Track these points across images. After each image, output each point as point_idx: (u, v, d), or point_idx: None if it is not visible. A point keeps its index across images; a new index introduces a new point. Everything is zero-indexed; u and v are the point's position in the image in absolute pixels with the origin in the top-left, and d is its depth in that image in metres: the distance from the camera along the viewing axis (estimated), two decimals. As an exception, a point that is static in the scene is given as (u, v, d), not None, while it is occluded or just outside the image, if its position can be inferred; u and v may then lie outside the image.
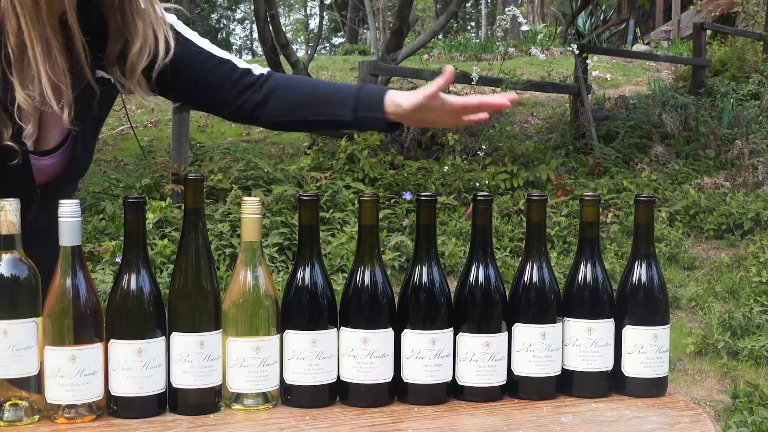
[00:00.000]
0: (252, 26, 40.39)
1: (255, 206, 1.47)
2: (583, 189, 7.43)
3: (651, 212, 1.60)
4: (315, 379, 1.48)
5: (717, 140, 8.76)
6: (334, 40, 37.27)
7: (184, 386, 1.44)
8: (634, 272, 1.60)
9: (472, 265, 1.55)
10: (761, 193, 7.42)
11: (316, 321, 1.48)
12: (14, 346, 1.37)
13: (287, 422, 1.42)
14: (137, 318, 1.41)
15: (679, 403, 1.55)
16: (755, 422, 3.59)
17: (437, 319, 1.50)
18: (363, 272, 1.50)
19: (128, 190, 7.28)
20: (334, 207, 6.72)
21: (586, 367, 1.56)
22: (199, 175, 1.46)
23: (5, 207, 1.37)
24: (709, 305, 5.46)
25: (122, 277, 1.42)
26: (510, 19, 8.85)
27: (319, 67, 16.46)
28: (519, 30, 19.58)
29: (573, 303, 1.58)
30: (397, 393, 1.53)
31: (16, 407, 1.38)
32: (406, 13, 10.06)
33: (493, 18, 25.85)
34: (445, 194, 7.23)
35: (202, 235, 1.45)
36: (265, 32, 9.70)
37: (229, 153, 8.18)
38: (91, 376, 1.38)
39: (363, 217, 1.52)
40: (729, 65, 12.28)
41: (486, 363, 1.52)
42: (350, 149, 7.51)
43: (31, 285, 1.39)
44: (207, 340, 1.43)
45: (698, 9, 16.15)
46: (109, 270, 5.25)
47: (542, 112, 11.56)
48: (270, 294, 1.47)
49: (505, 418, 1.46)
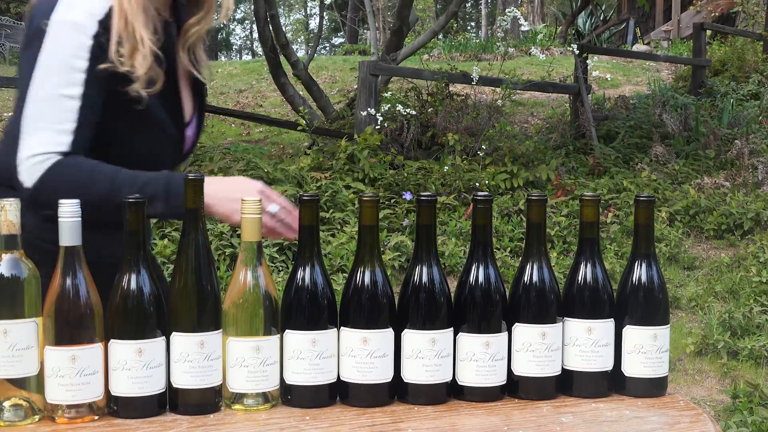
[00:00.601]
0: (252, 26, 40.38)
1: (255, 206, 1.47)
2: (583, 189, 7.43)
3: (651, 212, 1.60)
4: (315, 379, 1.48)
5: (717, 140, 8.76)
6: (334, 40, 37.28)
7: (184, 386, 1.44)
8: (634, 272, 1.60)
9: (472, 265, 1.55)
10: (761, 193, 7.42)
11: (316, 321, 1.48)
12: (14, 346, 1.37)
13: (287, 422, 1.42)
14: (137, 318, 1.41)
15: (679, 403, 1.55)
16: (755, 422, 3.59)
17: (437, 319, 1.50)
18: (363, 272, 1.50)
19: (128, 190, 7.27)
20: (334, 207, 6.72)
21: (586, 367, 1.56)
22: (199, 175, 1.46)
23: (5, 207, 1.37)
24: (709, 305, 5.46)
25: (122, 277, 1.42)
26: (510, 20, 8.86)
27: (319, 67, 16.46)
28: (519, 30, 19.58)
29: (573, 303, 1.58)
30: (397, 393, 1.53)
31: (16, 407, 1.38)
32: (406, 13, 10.06)
33: (493, 18, 25.85)
34: (445, 194, 7.23)
35: (202, 235, 1.45)
36: (265, 32, 9.70)
37: (229, 153, 8.18)
38: (91, 376, 1.38)
39: (363, 217, 1.52)
40: (729, 65, 12.29)
41: (486, 363, 1.52)
42: (350, 149, 7.51)
43: (31, 285, 1.39)
44: (207, 340, 1.43)
45: (698, 9, 16.16)
46: (109, 270, 5.24)
47: (542, 112, 11.56)
48: (270, 294, 1.47)
49: (505, 418, 1.46)
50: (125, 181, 1.62)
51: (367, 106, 7.93)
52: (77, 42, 1.62)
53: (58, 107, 1.62)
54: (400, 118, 8.16)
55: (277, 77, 9.98)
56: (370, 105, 7.93)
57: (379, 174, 7.37)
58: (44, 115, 1.62)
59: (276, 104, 13.86)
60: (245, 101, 14.59)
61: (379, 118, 7.88)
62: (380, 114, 7.93)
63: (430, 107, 8.57)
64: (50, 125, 1.62)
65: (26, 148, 1.61)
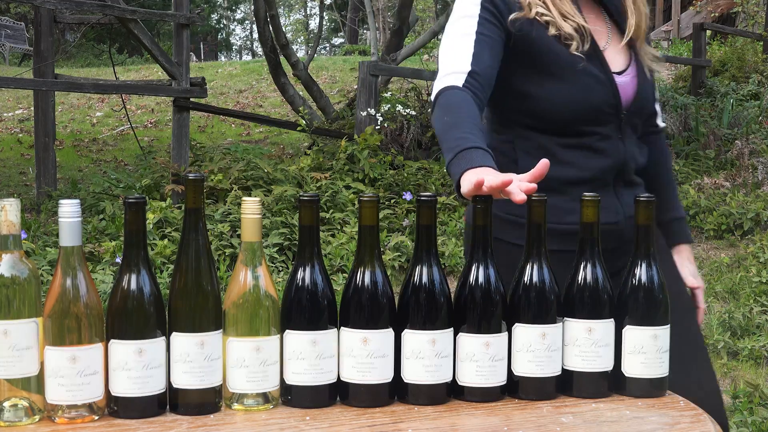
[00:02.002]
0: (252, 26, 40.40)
1: (255, 206, 1.47)
2: (583, 189, 7.42)
3: (651, 212, 1.60)
4: (315, 379, 1.48)
5: (717, 140, 8.76)
6: (334, 40, 37.29)
7: (185, 386, 1.44)
8: (634, 272, 1.60)
9: (472, 265, 1.55)
10: (761, 193, 7.42)
11: (316, 321, 1.48)
12: (14, 346, 1.37)
13: (287, 422, 1.42)
14: (137, 318, 1.41)
15: (680, 404, 1.55)
16: (755, 422, 3.59)
17: (437, 319, 1.50)
18: (363, 272, 1.50)
19: (128, 190, 7.28)
20: (334, 207, 6.72)
21: (586, 367, 1.56)
22: (200, 175, 1.46)
23: (5, 207, 1.37)
24: (709, 305, 5.46)
25: (122, 277, 1.42)
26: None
27: (319, 67, 16.46)
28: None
29: (573, 303, 1.58)
30: (397, 393, 1.53)
31: (16, 407, 1.38)
32: (406, 14, 10.07)
33: (493, 18, 25.77)
34: (445, 194, 7.23)
35: (202, 235, 1.45)
36: (265, 32, 9.70)
37: (229, 153, 8.18)
38: (91, 376, 1.38)
39: (363, 217, 1.52)
40: (729, 65, 12.28)
41: (486, 363, 1.52)
42: (350, 149, 7.52)
43: (31, 285, 1.39)
44: (207, 341, 1.43)
45: (698, 9, 16.15)
46: (109, 270, 5.25)
47: (542, 113, 11.54)
48: (270, 294, 1.47)
49: (505, 418, 1.46)
50: (450, 130, 1.72)
51: (367, 106, 7.93)
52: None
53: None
54: (400, 118, 8.16)
55: (277, 77, 9.98)
56: (370, 105, 7.93)
57: (379, 174, 7.38)
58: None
59: (276, 104, 13.87)
60: (245, 101, 14.60)
61: (379, 119, 7.88)
62: (380, 114, 7.93)
63: (430, 107, 8.57)
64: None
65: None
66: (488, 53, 1.84)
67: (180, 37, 7.49)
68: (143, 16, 7.53)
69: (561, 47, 1.86)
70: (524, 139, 1.92)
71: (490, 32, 1.85)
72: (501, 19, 1.87)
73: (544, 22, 1.87)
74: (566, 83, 1.87)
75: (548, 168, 1.51)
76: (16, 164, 10.25)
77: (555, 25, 1.87)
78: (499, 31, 1.86)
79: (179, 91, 7.46)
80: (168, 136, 9.86)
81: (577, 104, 1.87)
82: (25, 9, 19.54)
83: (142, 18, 7.37)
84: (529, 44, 1.87)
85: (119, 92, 9.90)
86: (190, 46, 7.73)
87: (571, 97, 1.87)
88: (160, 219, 6.01)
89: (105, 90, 9.02)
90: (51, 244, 5.75)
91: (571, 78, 1.87)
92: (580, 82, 1.87)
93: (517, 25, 1.86)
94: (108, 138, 12.01)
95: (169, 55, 7.75)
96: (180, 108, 7.50)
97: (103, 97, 14.30)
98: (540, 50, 1.87)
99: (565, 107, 1.87)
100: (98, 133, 12.28)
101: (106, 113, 13.60)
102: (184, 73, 7.44)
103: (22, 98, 14.07)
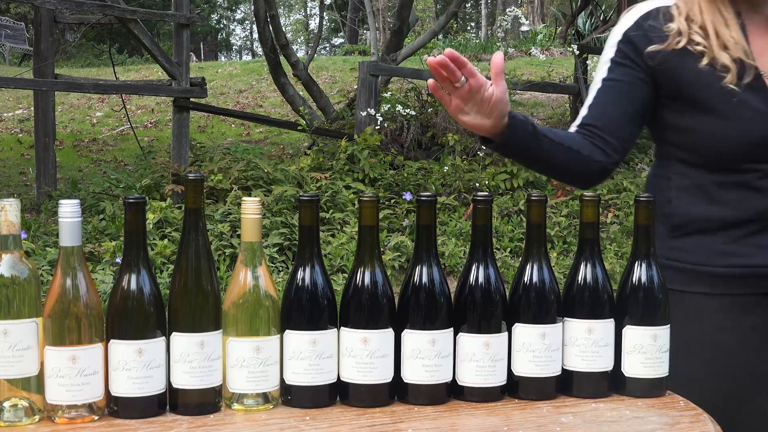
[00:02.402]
0: (252, 26, 40.40)
1: (255, 206, 1.47)
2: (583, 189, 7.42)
3: (651, 212, 1.60)
4: (315, 379, 1.48)
5: (717, 140, 8.74)
6: (334, 40, 37.29)
7: (185, 386, 1.44)
8: (634, 272, 1.60)
9: (472, 265, 1.55)
10: (761, 193, 7.41)
11: (316, 321, 1.48)
12: (14, 346, 1.37)
13: (287, 422, 1.42)
14: (137, 318, 1.41)
15: (680, 404, 1.55)
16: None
17: (437, 319, 1.50)
18: (363, 272, 1.50)
19: (128, 190, 7.29)
20: (334, 207, 6.72)
21: (586, 367, 1.56)
22: (200, 175, 1.46)
23: (5, 207, 1.37)
24: None
25: (122, 277, 1.42)
26: (511, 20, 8.86)
27: (319, 67, 16.46)
28: (519, 30, 19.59)
29: (573, 303, 1.58)
30: (397, 393, 1.53)
31: (16, 407, 1.38)
32: (406, 14, 10.07)
33: (493, 18, 25.85)
34: (445, 194, 7.24)
35: (202, 235, 1.45)
36: (265, 32, 9.70)
37: (229, 153, 8.18)
38: (91, 376, 1.38)
39: (363, 217, 1.52)
40: (729, 65, 12.25)
41: (486, 363, 1.52)
42: (350, 149, 7.52)
43: (31, 285, 1.39)
44: (207, 341, 1.43)
45: (698, 9, 16.12)
46: (109, 270, 5.25)
47: (542, 113, 11.57)
48: (270, 294, 1.47)
49: (505, 418, 1.46)
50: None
51: (367, 106, 7.93)
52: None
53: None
54: (400, 118, 8.17)
55: (277, 77, 9.99)
56: (370, 105, 7.94)
57: (379, 174, 7.38)
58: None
59: (276, 104, 13.87)
60: (245, 101, 14.60)
61: (379, 119, 7.88)
62: (380, 114, 7.94)
63: (429, 107, 8.57)
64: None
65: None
66: (612, 99, 1.80)
67: (180, 37, 7.50)
68: (143, 16, 7.54)
69: (712, 79, 1.73)
70: (680, 175, 1.82)
71: (621, 76, 1.80)
72: (636, 58, 1.79)
73: (698, 53, 1.74)
74: (720, 117, 1.74)
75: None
76: (16, 164, 10.26)
77: (710, 55, 1.73)
78: (633, 72, 1.79)
79: (179, 91, 7.47)
80: (168, 136, 9.86)
81: (732, 139, 1.74)
82: (25, 9, 19.55)
83: (142, 18, 7.37)
84: (671, 77, 1.77)
85: (119, 92, 9.91)
86: (190, 46, 7.74)
87: (726, 131, 1.74)
88: (160, 219, 6.01)
89: (105, 90, 9.02)
90: (51, 244, 5.75)
91: (726, 111, 1.73)
92: (736, 115, 1.73)
93: (658, 58, 1.77)
94: (108, 138, 12.01)
95: (169, 55, 7.76)
96: (180, 108, 7.51)
97: (103, 97, 14.31)
98: (686, 83, 1.76)
99: (718, 142, 1.75)
100: (98, 133, 12.29)
101: (106, 113, 13.61)
102: (184, 73, 7.45)
103: (22, 98, 14.08)
